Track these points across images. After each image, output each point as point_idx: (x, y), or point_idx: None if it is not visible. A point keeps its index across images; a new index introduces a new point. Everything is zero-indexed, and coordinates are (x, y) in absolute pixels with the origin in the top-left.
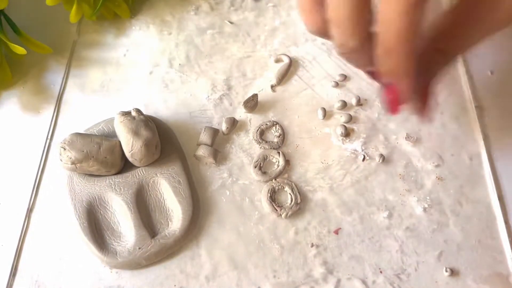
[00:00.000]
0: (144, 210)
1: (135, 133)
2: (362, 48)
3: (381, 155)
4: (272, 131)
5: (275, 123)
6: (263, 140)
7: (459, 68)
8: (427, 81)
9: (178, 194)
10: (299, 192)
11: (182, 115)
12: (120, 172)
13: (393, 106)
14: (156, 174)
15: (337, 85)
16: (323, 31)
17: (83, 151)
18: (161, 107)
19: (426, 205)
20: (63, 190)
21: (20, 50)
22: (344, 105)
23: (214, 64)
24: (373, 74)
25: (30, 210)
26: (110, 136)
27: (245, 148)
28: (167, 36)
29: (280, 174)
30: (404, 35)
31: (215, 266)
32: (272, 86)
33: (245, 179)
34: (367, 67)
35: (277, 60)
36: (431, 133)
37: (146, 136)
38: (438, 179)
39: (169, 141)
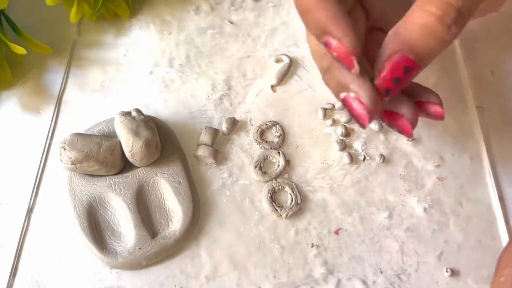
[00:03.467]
0: (144, 210)
1: (135, 133)
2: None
3: (382, 155)
4: (273, 131)
5: (275, 123)
6: (263, 140)
7: (460, 68)
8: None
9: (178, 194)
10: (299, 192)
11: (182, 115)
12: (120, 172)
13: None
14: (156, 174)
15: None
16: None
17: (83, 151)
18: (161, 107)
19: (427, 205)
20: (63, 190)
21: (20, 50)
22: None
23: (214, 64)
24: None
25: (30, 210)
26: (110, 136)
27: (245, 148)
28: (167, 36)
29: (280, 174)
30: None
31: (215, 266)
32: (272, 86)
33: (245, 179)
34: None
35: (277, 60)
36: (432, 133)
37: (146, 136)
38: (439, 179)
39: (169, 141)
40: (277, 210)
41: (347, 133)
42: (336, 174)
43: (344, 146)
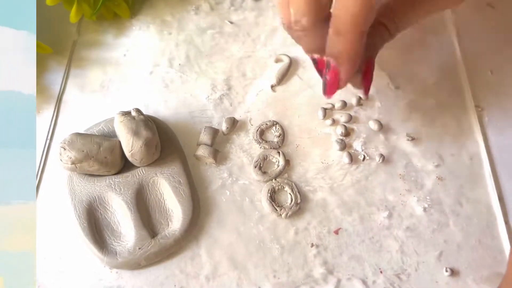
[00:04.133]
0: (144, 210)
1: (135, 133)
2: (313, 28)
3: (381, 155)
4: (272, 131)
5: (275, 123)
6: (263, 140)
7: (460, 68)
8: (368, 55)
9: (178, 194)
10: (299, 192)
11: (182, 115)
12: (120, 172)
13: (330, 88)
14: (156, 174)
15: None
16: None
17: (83, 151)
18: (161, 107)
19: (426, 205)
20: (63, 190)
21: None
22: (344, 105)
23: (214, 64)
24: (317, 63)
25: None
26: (110, 136)
27: (245, 148)
28: (167, 36)
29: (280, 174)
30: (357, 20)
31: (215, 266)
32: (272, 86)
33: (245, 179)
34: (314, 51)
35: (277, 60)
36: (431, 133)
37: (146, 136)
38: (438, 179)
39: (169, 141)
40: (277, 210)
41: (347, 133)
42: (336, 174)
43: (344, 146)
